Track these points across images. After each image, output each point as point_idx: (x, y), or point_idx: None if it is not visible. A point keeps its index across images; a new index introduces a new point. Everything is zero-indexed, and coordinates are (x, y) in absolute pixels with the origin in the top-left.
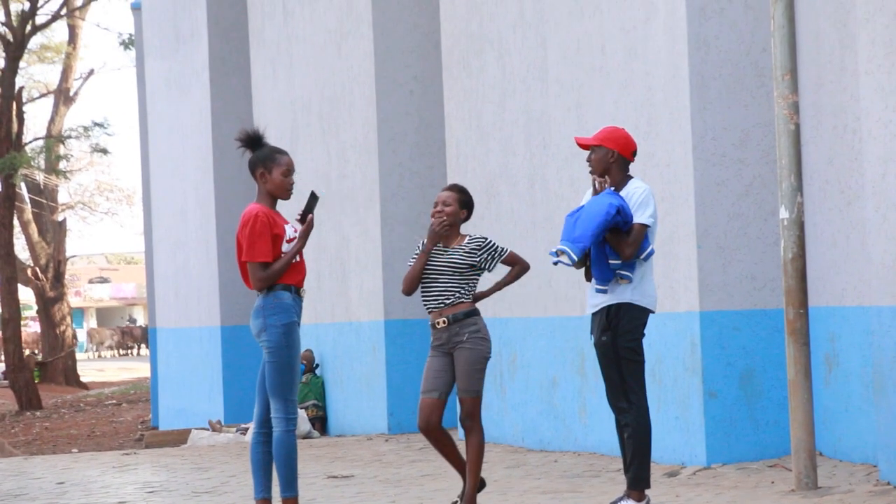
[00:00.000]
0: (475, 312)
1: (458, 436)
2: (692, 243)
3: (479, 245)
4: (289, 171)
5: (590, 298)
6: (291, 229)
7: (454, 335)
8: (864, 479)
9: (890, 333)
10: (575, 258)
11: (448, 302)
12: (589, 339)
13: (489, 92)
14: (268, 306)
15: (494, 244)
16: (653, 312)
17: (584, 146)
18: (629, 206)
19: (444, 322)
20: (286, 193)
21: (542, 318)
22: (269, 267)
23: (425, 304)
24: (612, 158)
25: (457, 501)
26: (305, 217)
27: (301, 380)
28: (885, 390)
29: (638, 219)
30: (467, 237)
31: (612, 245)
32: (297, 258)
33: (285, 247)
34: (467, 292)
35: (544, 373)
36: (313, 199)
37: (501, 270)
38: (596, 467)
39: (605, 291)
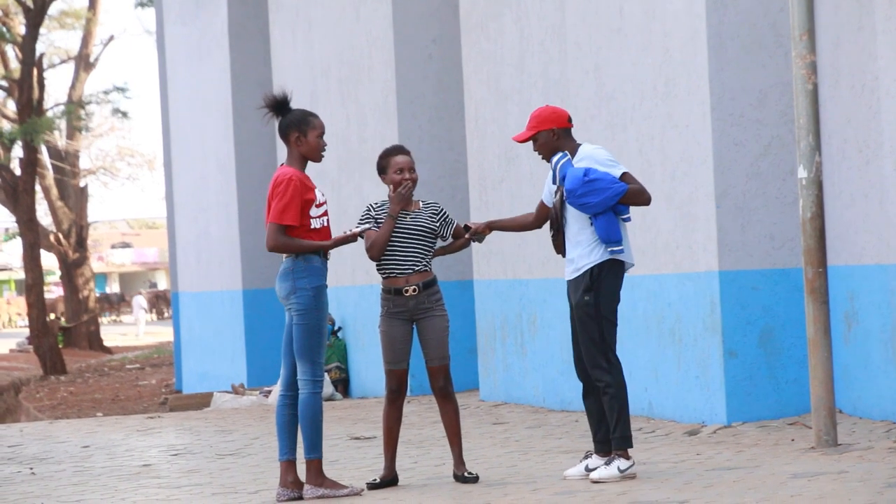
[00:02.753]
0: (436, 280)
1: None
2: (711, 203)
3: (436, 210)
4: (322, 133)
5: (568, 265)
6: (320, 193)
7: (421, 303)
8: (884, 435)
9: None
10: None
11: (417, 268)
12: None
13: (508, 55)
14: (297, 269)
15: (446, 211)
16: (633, 266)
17: (523, 141)
18: (598, 166)
19: (414, 290)
20: (320, 156)
21: (561, 279)
22: (289, 231)
23: (389, 270)
24: (556, 136)
25: (375, 480)
26: (355, 236)
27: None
28: None
29: (621, 170)
30: (421, 202)
31: (629, 200)
32: (325, 223)
33: (314, 211)
34: (430, 259)
35: (565, 333)
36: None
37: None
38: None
39: (622, 251)
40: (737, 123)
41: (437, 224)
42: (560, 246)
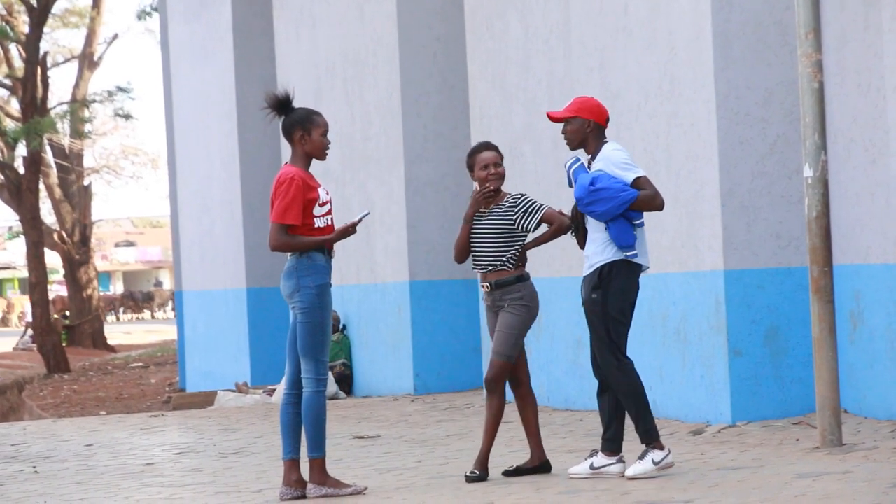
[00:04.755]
0: (521, 278)
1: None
2: (717, 202)
3: (515, 202)
4: (326, 131)
5: (585, 261)
6: (324, 192)
7: (497, 300)
8: (889, 435)
9: None
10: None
11: (490, 268)
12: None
13: (512, 53)
14: (301, 267)
15: (529, 201)
16: (647, 268)
17: (557, 119)
18: (611, 170)
19: (487, 287)
20: (324, 154)
21: (566, 277)
22: (291, 230)
23: (473, 268)
24: (589, 128)
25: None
26: (355, 225)
27: (332, 338)
28: None
29: (636, 173)
30: (507, 196)
31: (640, 207)
32: (329, 221)
33: (317, 210)
34: (511, 257)
35: (570, 332)
36: (364, 216)
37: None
38: None
39: (635, 255)
40: (742, 122)
41: (514, 217)
42: (582, 242)
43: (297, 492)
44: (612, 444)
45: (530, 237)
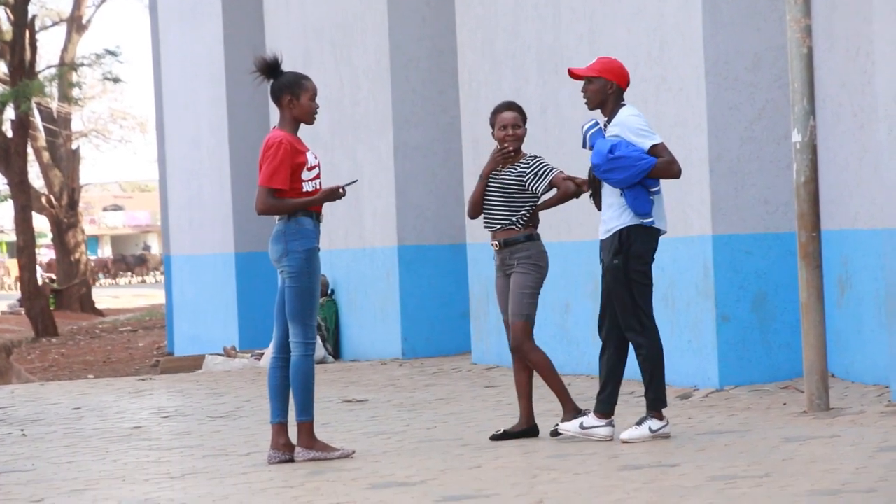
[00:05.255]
0: (530, 237)
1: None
2: (705, 167)
3: (528, 164)
4: (314, 95)
5: (601, 224)
6: (312, 156)
7: (506, 259)
8: (876, 399)
9: None
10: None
11: (499, 226)
12: (598, 264)
13: (502, 19)
14: (289, 231)
15: (542, 164)
16: (665, 233)
17: (580, 77)
18: (627, 136)
19: (496, 245)
20: (312, 118)
21: (554, 242)
22: (278, 195)
23: (485, 226)
24: (611, 90)
25: (499, 431)
26: (341, 188)
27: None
28: None
29: (653, 140)
30: (525, 156)
31: (657, 174)
32: (318, 185)
33: (306, 174)
34: (522, 216)
35: (557, 297)
36: (352, 183)
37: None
38: None
39: (652, 222)
40: (731, 87)
41: (525, 178)
42: (599, 204)
43: (285, 455)
44: (604, 406)
45: (542, 199)
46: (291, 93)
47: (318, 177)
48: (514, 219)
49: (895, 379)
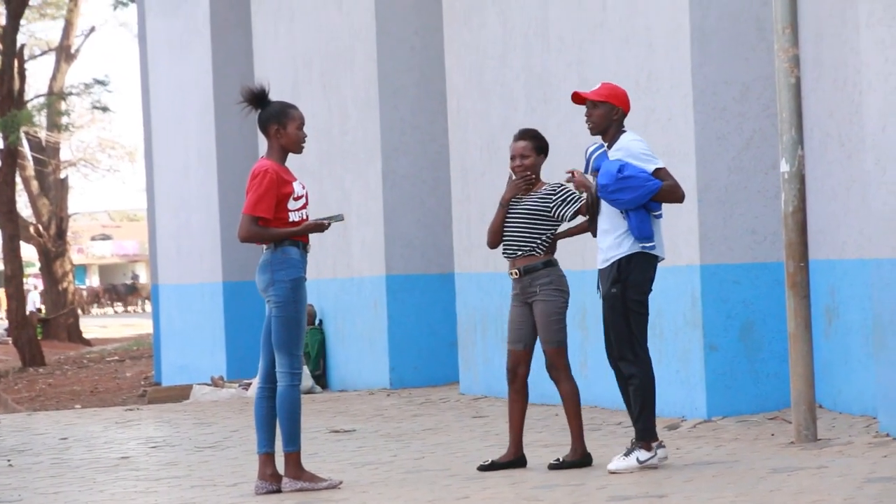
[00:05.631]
0: (549, 263)
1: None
2: (693, 197)
3: (553, 191)
4: (302, 124)
5: (598, 254)
6: (300, 186)
7: (527, 286)
8: (864, 430)
9: (890, 286)
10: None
11: (520, 253)
12: (594, 294)
13: (490, 48)
14: (275, 261)
15: (569, 191)
16: (663, 259)
17: (582, 101)
18: (632, 160)
19: (516, 273)
20: (300, 147)
21: None
22: (262, 223)
23: (503, 253)
24: (616, 116)
25: (486, 462)
26: (325, 222)
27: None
28: (884, 343)
29: (656, 164)
30: (545, 185)
31: (662, 198)
32: (305, 216)
33: (292, 204)
34: (543, 243)
35: None
36: (338, 219)
37: None
38: (597, 421)
39: (653, 247)
40: (719, 117)
41: (551, 205)
42: (596, 231)
43: (273, 486)
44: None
45: (563, 226)
46: (278, 122)
47: (304, 206)
48: (535, 244)
49: (883, 409)
